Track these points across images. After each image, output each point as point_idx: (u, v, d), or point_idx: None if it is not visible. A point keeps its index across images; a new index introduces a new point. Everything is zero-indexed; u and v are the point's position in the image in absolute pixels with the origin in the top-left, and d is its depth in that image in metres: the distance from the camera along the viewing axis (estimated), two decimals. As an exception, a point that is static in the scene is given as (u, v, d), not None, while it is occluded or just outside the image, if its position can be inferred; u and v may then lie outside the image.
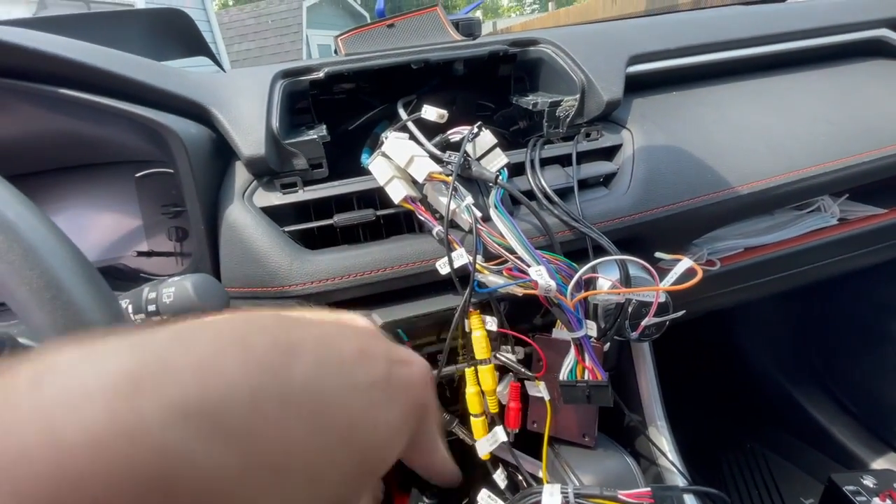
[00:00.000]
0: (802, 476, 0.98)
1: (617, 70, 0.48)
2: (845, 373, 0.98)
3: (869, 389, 0.94)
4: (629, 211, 0.43)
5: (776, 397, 1.06)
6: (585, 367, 0.33)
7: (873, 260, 0.63)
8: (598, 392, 0.32)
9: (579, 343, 0.33)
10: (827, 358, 1.01)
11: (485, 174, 0.40)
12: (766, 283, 0.57)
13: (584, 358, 0.33)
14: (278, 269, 0.39)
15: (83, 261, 0.23)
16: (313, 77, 0.48)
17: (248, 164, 0.42)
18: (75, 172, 0.53)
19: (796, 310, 1.06)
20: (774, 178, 0.46)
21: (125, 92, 0.38)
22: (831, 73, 0.56)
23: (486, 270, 0.36)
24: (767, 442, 1.05)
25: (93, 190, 0.55)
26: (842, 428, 0.97)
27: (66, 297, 0.21)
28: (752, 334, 1.10)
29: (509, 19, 13.38)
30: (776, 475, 1.00)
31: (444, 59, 0.51)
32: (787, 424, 1.05)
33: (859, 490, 0.66)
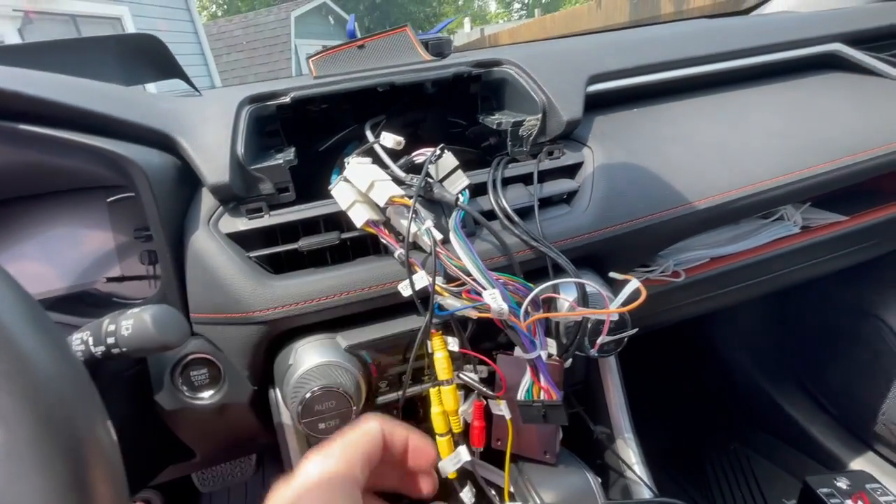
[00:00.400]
0: (784, 477, 0.99)
1: (577, 90, 0.49)
2: (822, 374, 1.00)
3: (844, 390, 0.95)
4: (589, 228, 0.44)
5: (756, 398, 1.08)
6: (541, 388, 0.34)
7: (837, 265, 0.65)
8: (553, 412, 0.33)
9: (534, 364, 0.34)
10: (805, 360, 1.03)
11: (445, 196, 0.41)
12: (732, 292, 0.59)
13: (539, 378, 0.34)
14: (241, 295, 0.39)
15: (28, 301, 0.24)
16: (279, 102, 0.49)
17: (213, 191, 0.42)
18: (45, 199, 0.53)
19: (775, 313, 1.08)
20: (730, 192, 0.48)
21: (86, 124, 0.38)
22: (787, 87, 0.58)
23: (445, 293, 0.36)
24: (749, 443, 1.06)
25: (64, 215, 0.55)
26: (820, 427, 0.99)
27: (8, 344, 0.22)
28: (733, 338, 1.12)
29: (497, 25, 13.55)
30: (759, 476, 1.01)
31: (410, 81, 0.52)
32: (768, 425, 1.06)
33: (833, 492, 0.67)
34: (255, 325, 0.39)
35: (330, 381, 0.36)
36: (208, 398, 0.46)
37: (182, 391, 0.45)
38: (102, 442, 0.24)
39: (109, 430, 0.25)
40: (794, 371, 1.06)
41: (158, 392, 0.45)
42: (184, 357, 0.44)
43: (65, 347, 0.24)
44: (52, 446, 0.22)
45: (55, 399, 0.22)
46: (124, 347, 0.32)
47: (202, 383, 0.46)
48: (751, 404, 1.10)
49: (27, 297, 0.24)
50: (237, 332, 0.40)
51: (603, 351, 0.39)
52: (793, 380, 1.05)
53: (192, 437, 0.50)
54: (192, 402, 0.45)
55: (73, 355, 0.25)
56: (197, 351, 0.44)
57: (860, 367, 0.90)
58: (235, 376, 0.44)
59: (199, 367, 0.45)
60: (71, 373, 0.24)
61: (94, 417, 0.24)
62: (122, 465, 0.25)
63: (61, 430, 0.22)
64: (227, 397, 0.45)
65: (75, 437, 0.23)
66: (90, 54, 0.65)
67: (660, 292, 0.54)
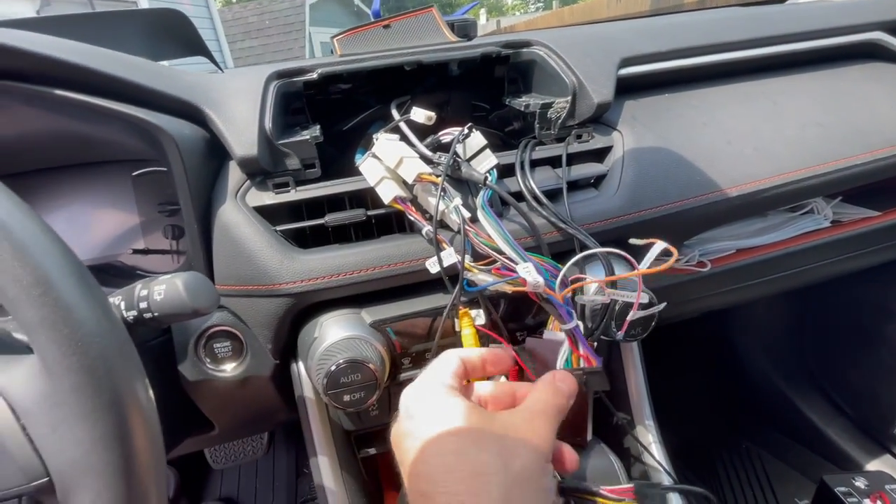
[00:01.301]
0: (797, 476, 0.98)
1: (608, 73, 0.48)
2: (841, 374, 0.98)
3: (864, 391, 0.94)
4: (618, 212, 0.43)
5: (772, 398, 1.07)
6: (580, 356, 0.34)
7: (866, 262, 0.63)
8: (594, 377, 0.33)
9: (572, 334, 0.34)
10: (823, 359, 1.02)
11: (474, 175, 0.41)
12: (757, 285, 0.58)
13: (577, 347, 0.34)
14: (269, 267, 0.39)
15: (73, 258, 0.24)
16: (307, 78, 0.49)
17: (241, 164, 0.42)
18: (72, 171, 0.54)
19: (794, 311, 1.06)
20: (763, 181, 0.46)
21: (119, 92, 0.39)
22: (823, 75, 0.56)
23: (474, 269, 0.36)
24: (762, 442, 1.05)
25: (90, 188, 0.56)
26: (836, 429, 0.97)
27: (55, 294, 0.22)
28: (749, 335, 1.10)
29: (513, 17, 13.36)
30: (771, 475, 1.00)
31: (437, 60, 0.51)
32: (782, 425, 1.05)
33: (851, 491, 0.66)
34: (282, 298, 0.40)
35: (356, 354, 0.36)
36: (230, 371, 0.46)
37: (205, 363, 0.46)
38: (141, 398, 0.24)
39: (148, 388, 0.25)
40: (811, 371, 1.04)
41: (182, 363, 0.45)
42: (207, 329, 0.45)
43: (107, 304, 0.25)
44: (95, 398, 0.22)
45: (98, 352, 0.23)
46: (156, 312, 0.33)
47: (225, 356, 0.46)
48: (765, 403, 1.09)
49: (72, 253, 0.24)
50: (263, 305, 0.41)
51: (630, 335, 0.38)
52: (809, 379, 1.04)
53: (213, 409, 0.51)
54: (214, 373, 0.46)
55: (115, 313, 0.25)
56: (220, 323, 0.45)
57: (883, 369, 0.89)
58: (258, 350, 0.45)
59: (223, 339, 0.46)
60: (113, 329, 0.24)
61: (134, 374, 0.24)
62: (158, 422, 0.26)
63: (104, 384, 0.23)
64: (248, 370, 0.46)
65: (117, 392, 0.23)
66: (116, 28, 0.65)
67: (684, 282, 0.53)
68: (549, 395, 0.30)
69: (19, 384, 0.24)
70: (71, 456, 0.23)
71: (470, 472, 0.25)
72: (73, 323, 0.22)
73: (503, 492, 0.24)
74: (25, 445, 0.23)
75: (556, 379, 0.31)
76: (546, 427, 0.28)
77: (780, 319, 1.09)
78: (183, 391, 0.47)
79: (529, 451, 0.26)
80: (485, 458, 0.25)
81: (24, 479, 0.24)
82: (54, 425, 0.23)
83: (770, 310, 1.08)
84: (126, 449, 0.23)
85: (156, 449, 0.25)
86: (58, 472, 0.23)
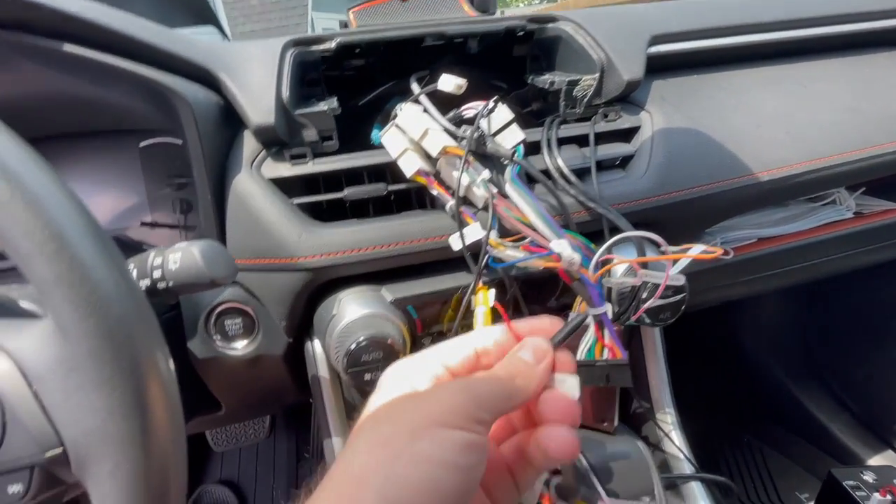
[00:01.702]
0: (799, 471, 0.98)
1: (638, 49, 0.46)
2: (848, 371, 0.98)
3: (871, 388, 0.93)
4: (647, 194, 0.42)
5: (775, 392, 1.06)
6: (605, 346, 0.32)
7: (888, 255, 0.62)
8: (618, 372, 0.31)
9: (600, 320, 0.33)
10: (830, 355, 1.01)
11: (500, 150, 0.39)
12: (777, 275, 0.57)
13: (603, 336, 0.32)
14: (286, 240, 0.38)
15: (89, 216, 0.22)
16: (324, 47, 0.47)
17: (257, 133, 0.41)
18: (78, 140, 0.52)
19: (801, 307, 1.05)
20: (795, 165, 0.45)
21: (131, 52, 0.37)
22: (857, 61, 0.54)
23: (501, 245, 0.35)
24: (764, 436, 1.05)
25: (96, 159, 0.54)
26: (840, 425, 0.97)
27: (71, 251, 0.20)
28: (754, 330, 1.10)
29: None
30: (772, 469, 1.00)
31: (460, 32, 0.49)
32: (786, 420, 1.05)
33: (859, 485, 0.66)
34: (300, 272, 0.38)
35: (377, 332, 0.34)
36: (241, 349, 0.45)
37: (215, 340, 0.44)
38: (162, 366, 0.23)
39: (168, 357, 0.24)
40: (816, 366, 1.04)
41: (191, 339, 0.44)
42: (218, 305, 0.43)
43: (125, 267, 0.23)
44: (113, 364, 0.21)
45: (118, 315, 0.21)
46: (171, 282, 0.31)
47: (236, 333, 0.45)
48: (768, 397, 1.09)
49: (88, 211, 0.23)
50: (279, 280, 0.39)
51: (659, 319, 0.37)
52: (814, 374, 1.03)
53: (222, 388, 0.49)
54: (224, 351, 0.44)
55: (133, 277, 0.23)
56: (232, 299, 0.43)
57: (890, 365, 0.88)
58: (271, 327, 0.43)
59: (234, 316, 0.44)
60: (132, 292, 0.23)
61: (155, 340, 0.23)
62: (178, 391, 0.24)
63: (123, 349, 0.21)
64: (260, 348, 0.44)
65: (137, 358, 0.21)
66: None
67: (705, 270, 0.52)
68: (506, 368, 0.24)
69: (31, 349, 0.22)
70: (86, 425, 0.21)
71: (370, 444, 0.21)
72: (91, 283, 0.20)
73: (361, 449, 0.21)
74: (38, 414, 0.22)
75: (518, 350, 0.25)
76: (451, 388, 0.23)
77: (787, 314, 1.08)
78: (191, 369, 0.46)
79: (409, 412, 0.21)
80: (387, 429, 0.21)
81: (37, 450, 0.22)
82: (69, 392, 0.22)
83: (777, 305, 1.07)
84: (146, 418, 0.21)
85: (176, 419, 0.24)
86: (72, 442, 0.22)
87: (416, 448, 0.20)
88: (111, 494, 0.22)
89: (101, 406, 0.21)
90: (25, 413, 0.22)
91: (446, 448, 0.20)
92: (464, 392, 0.22)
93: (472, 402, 0.21)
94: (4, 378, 0.22)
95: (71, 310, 0.20)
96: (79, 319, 0.20)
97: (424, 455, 0.20)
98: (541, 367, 0.24)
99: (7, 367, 0.22)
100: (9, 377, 0.22)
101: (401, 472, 0.19)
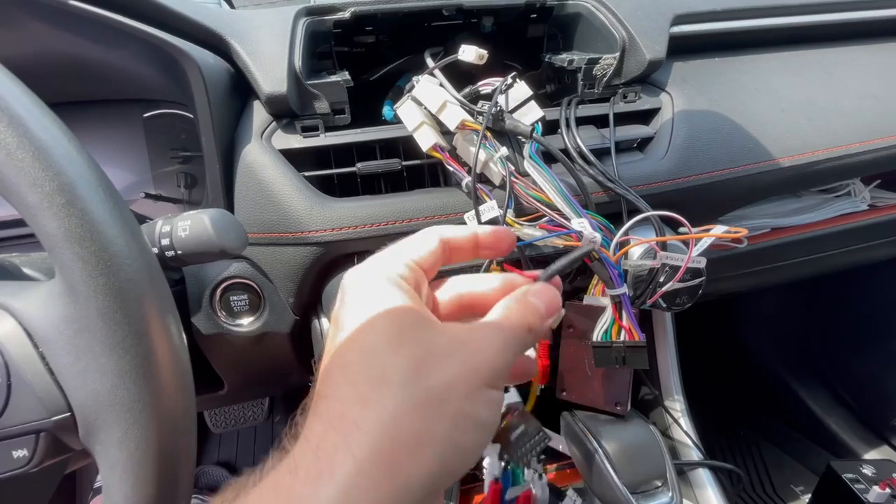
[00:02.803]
0: (795, 465, 0.99)
1: (661, 28, 0.45)
2: (847, 366, 0.98)
3: (869, 383, 0.94)
4: (666, 176, 0.41)
5: (773, 387, 1.07)
6: (622, 327, 0.32)
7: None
8: (635, 354, 0.31)
9: (618, 301, 0.32)
10: (829, 350, 1.01)
11: (519, 127, 0.38)
12: (791, 266, 0.56)
13: (621, 317, 0.32)
14: (297, 213, 0.37)
15: (100, 170, 0.21)
16: (338, 17, 0.45)
17: (268, 103, 0.39)
18: (81, 109, 0.50)
19: (802, 302, 1.05)
20: (817, 152, 0.44)
21: (140, 12, 0.35)
22: (880, 48, 0.53)
23: (518, 224, 0.34)
24: (763, 430, 1.06)
25: (99, 129, 0.52)
26: (837, 419, 0.98)
27: (81, 205, 0.19)
28: (755, 324, 1.10)
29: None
30: (769, 463, 1.01)
31: (478, 5, 0.48)
32: (783, 414, 1.06)
33: (858, 478, 0.66)
34: (310, 247, 0.37)
35: (390, 308, 0.33)
36: (247, 325, 0.44)
37: (220, 316, 0.43)
38: (173, 330, 0.22)
39: (178, 321, 0.23)
40: (814, 359, 1.04)
41: (195, 315, 0.43)
42: (224, 280, 0.42)
43: (136, 225, 0.22)
44: (125, 326, 0.20)
45: (129, 275, 0.20)
46: (179, 250, 0.30)
47: (241, 310, 0.44)
48: (766, 391, 1.09)
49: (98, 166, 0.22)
50: (288, 254, 0.38)
51: (676, 304, 0.37)
52: (813, 369, 1.04)
53: (225, 365, 0.49)
54: (229, 328, 0.43)
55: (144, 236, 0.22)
56: (238, 275, 0.42)
57: (890, 361, 0.88)
58: (277, 304, 0.42)
59: (240, 291, 0.43)
60: (144, 252, 0.21)
61: (167, 302, 0.22)
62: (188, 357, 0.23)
63: (135, 310, 0.20)
64: (266, 325, 0.43)
65: (148, 320, 0.20)
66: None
67: (718, 258, 0.51)
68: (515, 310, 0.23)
69: (37, 309, 0.21)
70: (95, 389, 0.20)
71: (369, 376, 0.19)
72: (102, 239, 0.19)
73: (401, 406, 0.18)
74: (45, 376, 0.21)
75: (528, 294, 0.24)
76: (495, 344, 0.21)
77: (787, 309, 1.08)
78: (193, 346, 0.45)
79: (458, 365, 0.19)
80: (394, 362, 0.19)
81: (44, 414, 0.21)
82: (77, 355, 0.21)
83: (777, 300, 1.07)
84: (158, 384, 0.21)
85: (187, 385, 0.23)
86: (80, 407, 0.21)
87: (474, 411, 0.19)
88: (120, 462, 0.21)
89: (112, 369, 0.20)
90: (31, 375, 0.21)
91: (496, 410, 0.20)
92: (508, 350, 0.21)
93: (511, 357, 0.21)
94: (9, 339, 0.21)
95: (80, 267, 0.19)
96: (89, 278, 0.19)
97: (481, 419, 0.19)
98: (549, 321, 0.24)
99: (11, 327, 0.21)
100: (14, 338, 0.21)
101: (460, 439, 0.18)
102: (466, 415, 0.19)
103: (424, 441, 0.18)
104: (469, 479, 0.47)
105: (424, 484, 0.17)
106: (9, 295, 0.22)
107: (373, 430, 0.17)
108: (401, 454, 0.17)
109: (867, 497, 0.64)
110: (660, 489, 0.33)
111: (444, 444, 0.18)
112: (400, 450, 0.17)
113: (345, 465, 0.17)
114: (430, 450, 0.18)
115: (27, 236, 0.48)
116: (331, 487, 0.17)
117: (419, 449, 0.18)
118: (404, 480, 0.17)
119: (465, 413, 0.19)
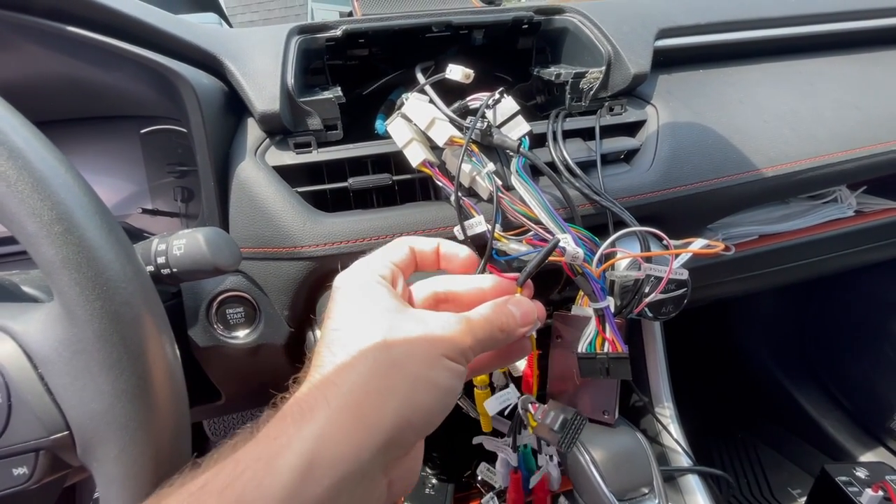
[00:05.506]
0: (791, 467, 1.00)
1: (645, 42, 0.46)
2: (842, 368, 0.99)
3: (864, 385, 0.94)
4: (652, 188, 0.42)
5: (769, 389, 1.07)
6: (606, 339, 0.33)
7: (888, 254, 0.63)
8: (618, 365, 0.31)
9: (602, 314, 0.33)
10: (824, 353, 1.02)
11: (506, 142, 0.39)
12: (778, 272, 0.57)
13: (604, 329, 0.33)
14: (291, 229, 0.38)
15: (96, 198, 0.22)
16: (330, 34, 0.46)
17: (262, 121, 0.40)
18: (79, 126, 0.51)
19: (798, 305, 1.06)
20: (800, 162, 0.45)
21: (136, 35, 0.36)
22: (863, 58, 0.54)
23: (504, 238, 0.35)
24: (757, 432, 1.06)
25: (96, 145, 0.53)
26: (833, 421, 0.98)
27: (78, 233, 0.20)
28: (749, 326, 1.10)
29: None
30: (765, 466, 1.01)
31: (467, 22, 0.49)
32: (779, 417, 1.06)
33: (851, 481, 0.67)
34: (303, 261, 0.38)
35: (381, 322, 0.34)
36: (243, 337, 0.45)
37: (216, 328, 0.44)
38: (168, 351, 0.23)
39: (173, 341, 0.24)
40: (809, 362, 1.05)
41: (192, 328, 0.44)
42: (220, 293, 0.43)
43: (132, 250, 0.23)
44: (121, 347, 0.21)
45: (125, 298, 0.21)
46: (175, 268, 0.31)
47: (237, 322, 0.44)
48: (761, 393, 1.09)
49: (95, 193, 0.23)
50: (282, 268, 0.39)
51: (661, 313, 0.37)
52: (808, 371, 1.04)
53: (222, 377, 0.49)
54: (225, 340, 0.44)
55: (139, 260, 0.23)
56: (234, 288, 0.43)
57: (884, 363, 0.89)
58: (272, 316, 0.43)
59: (235, 304, 0.44)
60: (139, 275, 0.22)
61: (161, 324, 0.23)
62: (183, 376, 0.24)
63: (130, 332, 0.21)
64: (262, 337, 0.44)
65: (144, 342, 0.21)
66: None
67: (706, 266, 0.52)
68: (492, 310, 0.26)
69: (37, 331, 0.22)
70: (93, 408, 0.21)
71: (347, 348, 0.23)
72: (98, 265, 0.20)
73: (371, 368, 0.22)
74: (44, 396, 0.22)
75: (508, 302, 0.27)
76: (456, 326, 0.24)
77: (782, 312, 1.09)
78: (191, 358, 0.45)
79: (418, 338, 0.23)
80: (369, 337, 0.23)
81: (43, 433, 0.22)
82: (75, 375, 0.22)
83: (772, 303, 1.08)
84: (153, 402, 0.21)
85: (182, 404, 0.24)
86: (78, 426, 0.22)
87: (431, 375, 0.23)
88: (117, 478, 0.22)
89: (108, 389, 0.21)
90: (31, 396, 0.22)
91: (452, 377, 0.23)
92: (469, 334, 0.24)
93: (472, 342, 0.24)
94: (9, 360, 0.22)
95: (78, 292, 0.20)
96: (86, 302, 0.20)
97: (437, 382, 0.23)
98: (523, 330, 0.27)
99: (11, 349, 0.22)
100: (14, 359, 0.22)
101: (418, 398, 0.22)
102: (425, 378, 0.22)
103: (386, 397, 0.22)
104: (464, 488, 0.48)
105: (387, 431, 0.21)
106: (9, 317, 0.23)
107: (345, 385, 0.22)
108: (367, 405, 0.21)
109: (860, 500, 0.64)
110: (647, 496, 0.33)
111: (404, 399, 0.22)
112: (367, 402, 0.21)
113: (323, 411, 0.21)
114: (392, 404, 0.21)
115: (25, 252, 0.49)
116: (311, 427, 0.20)
117: (382, 402, 0.21)
118: (369, 426, 0.21)
119: (423, 376, 0.22)
